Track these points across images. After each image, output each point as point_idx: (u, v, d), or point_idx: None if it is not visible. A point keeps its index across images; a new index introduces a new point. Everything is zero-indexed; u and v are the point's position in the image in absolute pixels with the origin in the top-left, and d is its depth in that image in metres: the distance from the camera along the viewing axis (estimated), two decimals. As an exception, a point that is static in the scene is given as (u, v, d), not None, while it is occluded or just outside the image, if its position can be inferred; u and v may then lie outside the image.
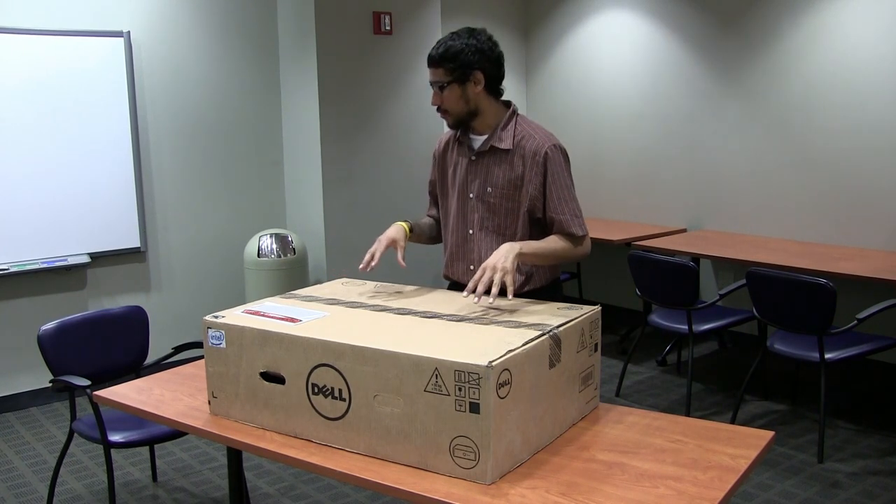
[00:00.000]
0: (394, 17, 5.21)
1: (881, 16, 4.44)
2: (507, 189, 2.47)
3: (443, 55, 2.43)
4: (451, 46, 2.42)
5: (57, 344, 3.13)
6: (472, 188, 2.52)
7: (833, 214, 4.78)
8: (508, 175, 2.46)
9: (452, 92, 2.44)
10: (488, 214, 2.50)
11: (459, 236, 2.58)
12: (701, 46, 5.32)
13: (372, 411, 1.84)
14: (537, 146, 2.45)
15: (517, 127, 2.49)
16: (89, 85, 4.56)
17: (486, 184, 2.49)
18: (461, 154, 2.57)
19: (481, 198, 2.51)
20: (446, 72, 2.43)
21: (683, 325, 4.29)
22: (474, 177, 2.52)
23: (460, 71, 2.42)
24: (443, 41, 2.46)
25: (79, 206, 4.57)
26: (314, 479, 3.57)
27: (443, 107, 2.48)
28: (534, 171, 2.44)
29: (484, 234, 2.52)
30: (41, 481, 3.65)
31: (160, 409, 2.22)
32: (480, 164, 2.51)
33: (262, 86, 5.25)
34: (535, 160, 2.44)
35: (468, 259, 2.57)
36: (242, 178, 5.24)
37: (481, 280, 2.16)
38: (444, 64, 2.43)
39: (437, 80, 2.45)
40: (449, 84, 2.43)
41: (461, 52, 2.41)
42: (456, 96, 2.45)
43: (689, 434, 1.98)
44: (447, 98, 2.45)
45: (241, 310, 2.21)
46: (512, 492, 1.70)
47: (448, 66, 2.42)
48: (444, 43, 2.45)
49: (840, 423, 4.10)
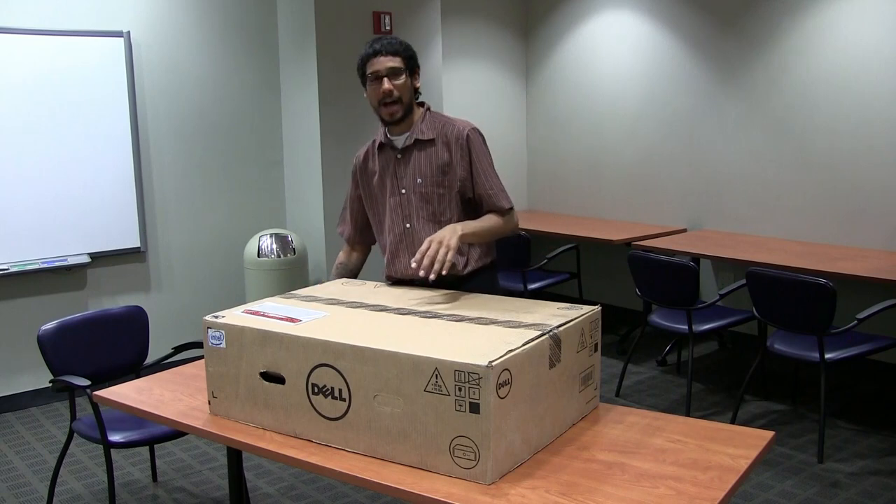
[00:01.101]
0: (394, 17, 5.21)
1: (881, 16, 4.44)
2: (437, 176, 2.60)
3: (400, 45, 2.57)
4: (402, 42, 2.59)
5: (57, 344, 3.13)
6: (403, 183, 2.64)
7: (833, 214, 4.78)
8: (436, 162, 2.60)
9: (405, 82, 2.58)
10: (422, 204, 2.62)
11: (398, 232, 2.67)
12: (701, 46, 5.32)
13: (372, 411, 1.84)
14: (458, 131, 2.61)
15: (434, 119, 2.65)
16: (89, 85, 4.56)
17: (416, 175, 2.61)
18: (384, 158, 2.68)
19: (413, 189, 2.62)
20: (403, 60, 2.56)
21: (683, 325, 4.29)
22: (403, 172, 2.64)
23: (412, 63, 2.59)
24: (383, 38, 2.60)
25: (79, 206, 4.57)
26: (314, 479, 3.57)
27: (396, 94, 2.56)
28: (459, 154, 2.59)
29: (422, 224, 2.63)
30: (41, 481, 3.65)
31: (160, 409, 2.22)
32: (406, 159, 2.63)
33: (262, 86, 5.25)
34: (459, 143, 2.60)
35: (411, 252, 2.61)
36: (242, 178, 5.24)
37: (427, 252, 2.29)
38: (402, 53, 2.56)
39: (396, 66, 2.55)
40: (404, 73, 2.56)
41: (410, 48, 2.60)
42: (407, 86, 2.58)
43: (689, 434, 1.98)
44: (401, 86, 2.56)
45: (241, 310, 2.21)
46: (512, 492, 1.70)
47: (405, 55, 2.57)
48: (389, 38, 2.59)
49: (840, 423, 4.10)
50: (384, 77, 2.55)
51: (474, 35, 6.15)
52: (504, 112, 6.39)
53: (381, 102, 2.58)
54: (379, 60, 2.55)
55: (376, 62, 2.56)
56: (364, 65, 2.59)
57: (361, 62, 2.60)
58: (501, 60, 6.34)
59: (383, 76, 2.55)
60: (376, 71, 2.56)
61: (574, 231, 5.44)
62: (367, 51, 2.59)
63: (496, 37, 6.30)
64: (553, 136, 6.36)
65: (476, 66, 6.20)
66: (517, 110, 6.51)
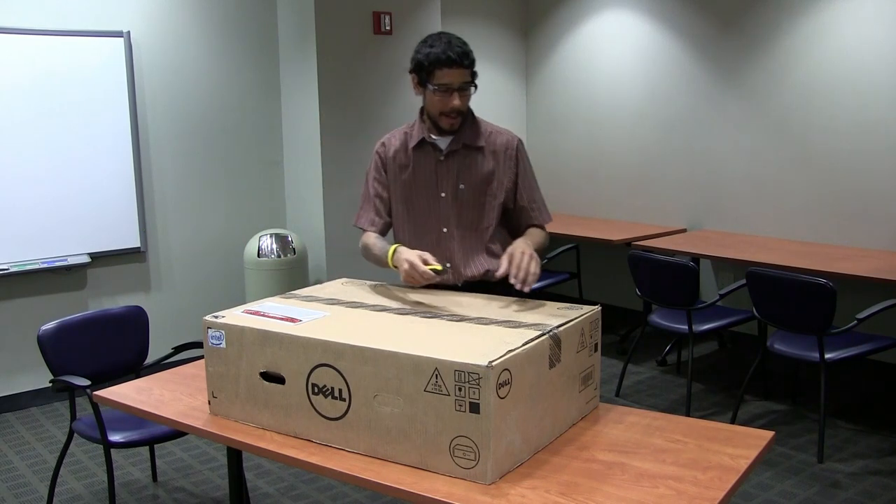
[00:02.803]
0: (394, 17, 5.21)
1: (881, 16, 4.44)
2: (481, 184, 2.54)
3: (471, 54, 2.43)
4: (470, 49, 2.44)
5: (57, 344, 3.13)
6: (443, 187, 2.56)
7: (833, 214, 4.78)
8: (480, 171, 2.54)
9: (469, 94, 2.48)
10: (463, 211, 2.56)
11: (432, 236, 2.59)
12: (701, 46, 5.32)
13: (372, 411, 1.84)
14: (507, 141, 2.57)
15: (481, 125, 2.58)
16: (89, 85, 4.56)
17: (459, 181, 2.54)
18: (423, 156, 2.57)
19: (455, 195, 2.55)
20: (471, 73, 2.45)
21: (683, 325, 4.29)
22: (444, 175, 2.55)
23: (474, 73, 2.47)
24: (454, 42, 2.43)
25: (79, 206, 4.57)
26: (314, 479, 3.57)
27: (461, 109, 2.47)
28: (506, 164, 2.54)
29: (458, 231, 2.57)
30: (41, 481, 3.65)
31: (160, 409, 2.22)
32: (450, 163, 2.55)
33: (262, 86, 5.25)
34: (508, 154, 2.55)
35: (443, 257, 2.56)
36: (242, 178, 5.24)
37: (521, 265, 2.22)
38: (472, 65, 2.44)
39: (466, 80, 2.44)
40: (472, 86, 2.47)
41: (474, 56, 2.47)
42: (469, 98, 2.49)
43: (689, 434, 1.98)
44: (467, 99, 2.48)
45: (241, 310, 2.21)
46: (512, 492, 1.70)
47: (473, 66, 2.45)
48: (460, 44, 2.43)
49: (840, 423, 4.10)
50: (455, 91, 2.43)
51: (474, 35, 6.14)
52: (504, 112, 6.39)
53: (444, 113, 2.48)
54: (453, 72, 2.42)
55: (450, 73, 2.42)
56: (433, 69, 2.42)
57: (430, 64, 2.42)
58: (501, 60, 6.34)
59: (454, 90, 2.43)
60: (449, 84, 2.42)
61: (574, 231, 5.44)
62: (440, 55, 2.41)
63: (496, 37, 6.30)
64: (553, 136, 6.36)
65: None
66: (517, 110, 6.51)
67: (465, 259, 2.57)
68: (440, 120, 2.51)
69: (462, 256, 2.57)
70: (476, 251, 2.58)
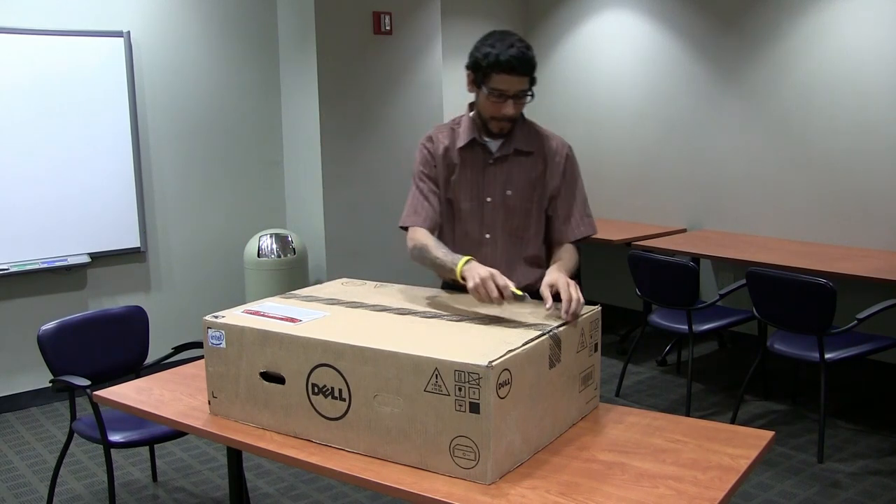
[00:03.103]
0: (394, 17, 5.21)
1: (881, 16, 4.44)
2: (527, 190, 2.45)
3: (531, 62, 2.30)
4: (533, 56, 2.31)
5: (57, 344, 3.13)
6: (489, 191, 2.45)
7: (833, 214, 4.78)
8: (529, 176, 2.44)
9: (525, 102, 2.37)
10: (507, 216, 2.46)
11: (473, 240, 2.49)
12: (701, 46, 5.31)
13: (372, 411, 1.84)
14: (557, 147, 2.49)
15: (533, 129, 2.49)
16: (89, 85, 4.56)
17: (506, 187, 2.44)
18: (471, 157, 2.46)
19: (501, 201, 2.44)
20: (529, 80, 2.33)
21: (683, 325, 4.29)
22: (492, 180, 2.45)
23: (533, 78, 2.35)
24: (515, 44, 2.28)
25: (79, 206, 4.57)
26: (314, 479, 3.57)
27: (514, 116, 2.36)
28: (554, 170, 2.46)
29: (500, 237, 2.48)
30: (41, 481, 3.65)
31: (160, 409, 2.22)
32: (499, 167, 2.44)
33: (262, 86, 5.25)
34: (556, 161, 2.47)
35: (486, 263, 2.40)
36: (242, 178, 5.24)
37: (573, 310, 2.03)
38: (532, 72, 2.31)
39: (523, 89, 2.32)
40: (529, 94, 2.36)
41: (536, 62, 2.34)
42: (524, 105, 2.38)
43: (689, 434, 1.98)
44: (521, 107, 2.36)
45: (241, 310, 2.21)
46: (512, 492, 1.70)
47: (532, 73, 2.32)
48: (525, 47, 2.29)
49: (840, 423, 4.10)
50: (510, 98, 2.32)
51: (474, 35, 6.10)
52: (504, 112, 6.38)
53: (495, 118, 2.37)
54: (511, 79, 2.28)
55: (507, 80, 2.29)
56: (490, 72, 2.29)
57: (487, 66, 2.29)
58: (501, 60, 6.33)
59: (509, 97, 2.32)
60: (504, 90, 2.30)
61: (574, 231, 5.43)
62: (499, 59, 2.27)
63: (496, 37, 6.28)
64: (553, 136, 6.35)
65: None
66: (517, 110, 6.50)
67: (506, 267, 2.43)
68: (489, 123, 2.40)
69: (503, 264, 2.44)
70: (517, 260, 2.49)
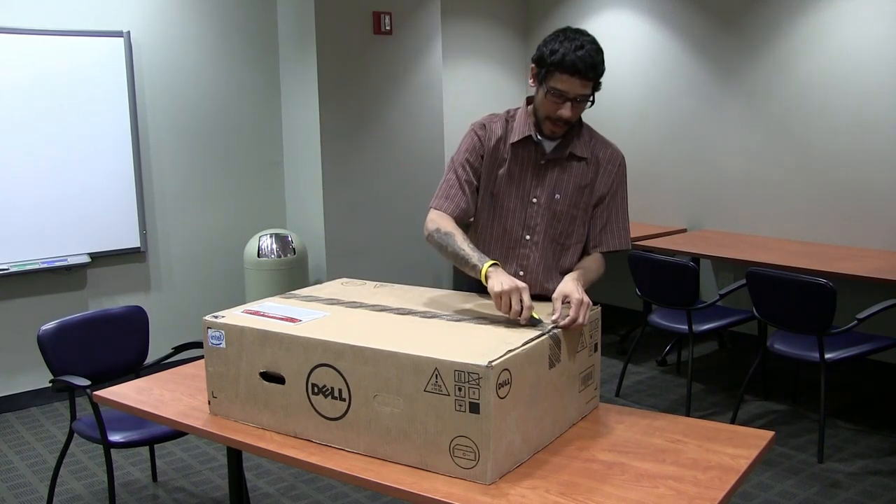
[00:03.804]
0: (394, 17, 5.21)
1: (881, 16, 4.44)
2: (575, 197, 2.38)
3: (599, 67, 2.22)
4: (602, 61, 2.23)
5: (57, 344, 3.13)
6: (537, 192, 2.38)
7: (833, 214, 4.78)
8: (579, 182, 2.37)
9: (584, 107, 2.29)
10: (552, 221, 2.39)
11: (511, 240, 2.42)
12: (701, 46, 5.31)
13: (372, 411, 1.84)
14: (611, 155, 2.42)
15: (589, 135, 2.43)
16: (89, 85, 4.56)
17: (556, 191, 2.37)
18: (523, 154, 2.38)
19: (547, 204, 2.38)
20: (593, 85, 2.25)
21: (683, 325, 4.29)
22: (541, 182, 2.38)
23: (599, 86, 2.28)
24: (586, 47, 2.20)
25: (79, 206, 4.57)
26: (314, 479, 3.57)
27: (571, 120, 2.29)
28: (604, 180, 2.39)
29: (542, 240, 2.40)
30: (41, 481, 3.65)
31: (160, 409, 2.22)
32: (550, 170, 2.37)
33: (262, 86, 5.25)
34: (609, 169, 2.40)
35: (518, 264, 2.42)
36: (242, 178, 5.24)
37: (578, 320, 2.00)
38: (598, 77, 2.24)
39: (584, 93, 2.24)
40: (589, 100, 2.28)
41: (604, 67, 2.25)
42: (583, 110, 2.30)
43: (689, 434, 1.98)
44: (580, 111, 2.29)
45: (241, 310, 2.21)
46: (512, 492, 1.70)
47: (598, 78, 2.25)
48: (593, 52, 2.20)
49: (840, 423, 4.10)
50: (569, 100, 2.24)
51: (474, 35, 6.14)
52: (504, 112, 6.38)
53: (550, 119, 2.30)
54: (573, 81, 2.20)
55: (569, 81, 2.20)
56: (553, 70, 2.21)
57: (551, 64, 2.21)
58: (501, 60, 6.34)
59: (569, 99, 2.24)
60: (564, 92, 2.22)
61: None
62: (567, 57, 2.19)
63: (496, 37, 6.29)
64: (553, 136, 6.35)
65: (476, 66, 6.19)
66: (517, 110, 6.50)
67: (543, 273, 2.41)
68: (543, 123, 2.33)
69: (540, 269, 2.41)
70: (554, 268, 2.41)
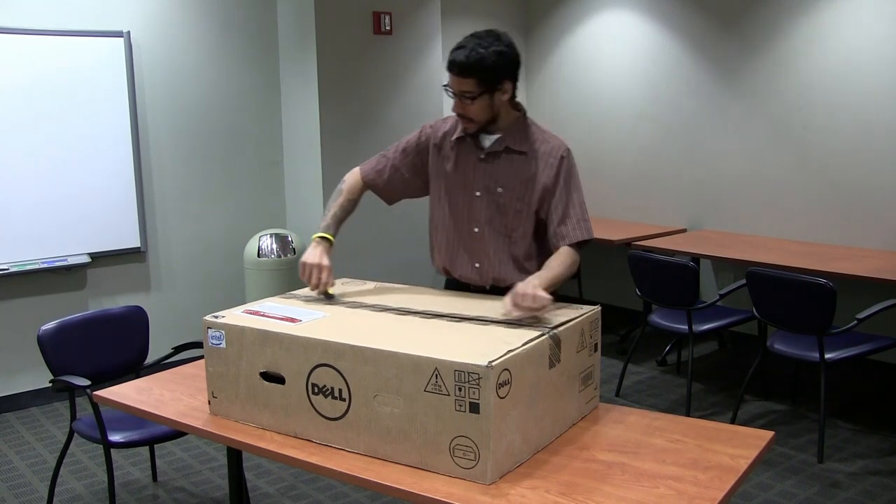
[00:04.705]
0: (394, 17, 5.21)
1: (881, 16, 4.44)
2: (518, 190, 2.44)
3: (474, 66, 2.30)
4: (483, 57, 2.29)
5: (57, 344, 3.13)
6: (479, 186, 2.47)
7: (833, 214, 4.78)
8: (521, 176, 2.43)
9: (482, 102, 2.35)
10: (496, 214, 2.46)
11: (464, 232, 2.51)
12: (701, 46, 5.31)
13: (372, 411, 1.84)
14: (552, 149, 2.45)
15: (530, 129, 2.48)
16: (89, 85, 4.56)
17: (497, 183, 2.44)
18: (463, 150, 2.49)
19: (490, 197, 2.46)
20: (477, 83, 2.32)
21: (683, 325, 4.29)
22: (482, 175, 2.46)
23: (491, 82, 2.33)
24: (469, 47, 2.31)
25: (79, 206, 4.57)
26: (314, 479, 3.57)
27: (467, 115, 2.39)
28: (546, 173, 2.43)
29: (490, 232, 2.48)
30: (41, 481, 3.65)
31: (160, 409, 2.22)
32: (490, 164, 2.45)
33: (262, 86, 5.25)
34: (550, 162, 2.43)
35: (474, 257, 2.52)
36: (242, 178, 5.24)
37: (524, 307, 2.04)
38: (476, 75, 2.31)
39: (466, 90, 2.33)
40: (479, 95, 2.34)
41: (494, 63, 2.31)
42: (484, 106, 2.36)
43: (689, 434, 1.98)
44: (475, 109, 2.36)
45: (241, 310, 2.21)
46: (512, 492, 1.70)
47: (480, 76, 2.31)
48: (472, 49, 2.30)
49: (840, 423, 4.10)
50: (458, 97, 2.36)
51: (474, 35, 6.14)
52: (504, 112, 6.38)
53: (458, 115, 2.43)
54: (455, 80, 2.34)
55: (452, 80, 2.35)
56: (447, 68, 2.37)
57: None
58: (501, 60, 6.34)
59: (458, 96, 2.36)
60: (452, 88, 2.36)
61: (574, 231, 5.42)
62: (448, 57, 2.35)
63: (496, 37, 6.29)
64: (553, 136, 6.35)
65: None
66: (517, 110, 6.50)
67: (495, 263, 2.48)
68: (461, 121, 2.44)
69: (490, 259, 2.49)
70: (505, 258, 2.49)
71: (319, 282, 2.35)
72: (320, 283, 2.35)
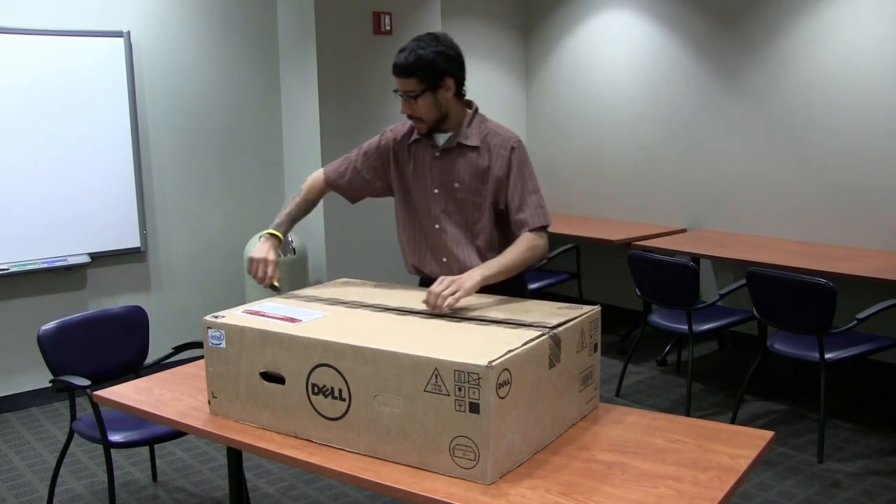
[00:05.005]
0: (394, 17, 5.21)
1: (881, 16, 4.44)
2: (474, 184, 2.53)
3: (414, 65, 2.42)
4: (422, 56, 2.41)
5: (57, 344, 3.13)
6: (437, 184, 2.57)
7: (833, 214, 4.78)
8: (475, 170, 2.53)
9: (426, 100, 2.46)
10: (454, 209, 2.56)
11: (427, 229, 2.62)
12: (701, 46, 5.31)
13: (372, 411, 1.84)
14: (502, 141, 2.53)
15: (481, 125, 2.56)
16: (89, 85, 4.56)
17: (453, 179, 2.54)
18: (420, 151, 2.60)
19: (448, 193, 2.55)
20: (419, 81, 2.43)
21: (683, 325, 4.29)
22: (438, 172, 2.56)
23: (432, 80, 2.44)
24: (409, 48, 2.44)
25: (79, 206, 4.57)
26: (314, 479, 3.57)
27: (415, 115, 2.49)
28: (499, 165, 2.51)
29: (451, 228, 2.57)
30: (41, 481, 3.65)
31: (160, 409, 2.23)
32: (445, 161, 2.55)
33: (262, 86, 5.25)
34: (501, 154, 2.51)
35: (440, 253, 2.60)
36: (242, 178, 5.24)
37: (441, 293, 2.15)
38: (416, 74, 2.42)
39: (409, 90, 2.45)
40: (422, 93, 2.44)
41: (433, 62, 2.42)
42: (429, 104, 2.47)
43: (689, 434, 1.98)
44: (421, 107, 2.47)
45: (241, 310, 2.21)
46: (512, 492, 1.70)
47: (420, 75, 2.42)
48: (411, 51, 2.43)
49: (840, 423, 4.10)
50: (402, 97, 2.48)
51: (474, 35, 6.14)
52: (504, 112, 6.38)
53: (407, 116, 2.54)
54: (398, 80, 2.46)
55: (397, 80, 2.46)
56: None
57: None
58: (501, 60, 6.34)
59: (402, 96, 2.48)
60: (398, 89, 2.48)
61: (574, 231, 5.44)
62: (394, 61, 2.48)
63: (496, 37, 6.29)
64: (553, 136, 6.36)
65: (476, 66, 6.19)
66: (517, 110, 6.51)
67: (459, 255, 2.57)
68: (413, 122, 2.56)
69: (454, 252, 2.58)
70: (468, 249, 2.57)
71: (266, 275, 2.49)
72: (266, 276, 2.49)
